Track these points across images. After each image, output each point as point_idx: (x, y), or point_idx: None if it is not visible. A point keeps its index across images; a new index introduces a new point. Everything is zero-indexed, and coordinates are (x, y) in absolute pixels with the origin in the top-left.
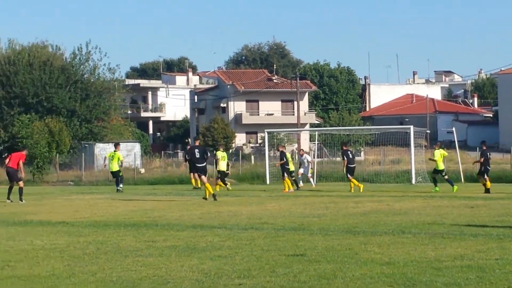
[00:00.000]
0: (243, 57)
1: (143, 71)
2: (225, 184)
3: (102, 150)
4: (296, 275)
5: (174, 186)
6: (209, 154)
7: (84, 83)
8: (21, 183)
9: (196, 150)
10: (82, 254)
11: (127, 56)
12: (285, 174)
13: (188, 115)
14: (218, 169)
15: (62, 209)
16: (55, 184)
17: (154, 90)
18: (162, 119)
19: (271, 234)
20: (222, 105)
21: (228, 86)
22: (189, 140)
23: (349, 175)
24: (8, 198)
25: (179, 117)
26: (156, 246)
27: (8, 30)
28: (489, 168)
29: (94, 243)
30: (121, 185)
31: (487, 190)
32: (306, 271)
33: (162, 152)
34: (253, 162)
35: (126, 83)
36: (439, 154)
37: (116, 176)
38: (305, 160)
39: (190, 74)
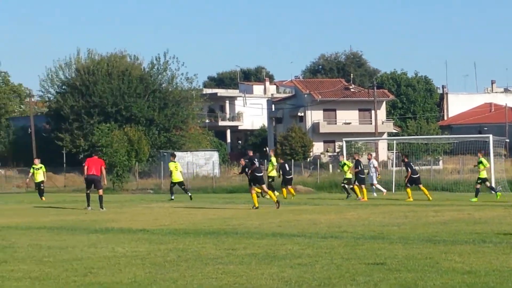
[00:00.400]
0: (320, 67)
1: (220, 81)
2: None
3: (181, 158)
4: (377, 283)
5: None
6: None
7: (162, 93)
8: (100, 191)
9: (255, 160)
10: (163, 262)
11: (204, 65)
12: (357, 182)
13: (266, 124)
14: (268, 175)
15: (142, 217)
16: (135, 192)
17: (232, 99)
18: (240, 128)
19: (351, 243)
20: (299, 114)
21: (305, 95)
22: (267, 149)
23: (408, 185)
24: (89, 206)
25: (256, 126)
26: (236, 254)
27: (87, 41)
28: None
29: (174, 250)
30: (188, 193)
31: None
32: (386, 280)
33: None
34: (331, 171)
35: (204, 92)
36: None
37: (180, 185)
38: (371, 166)
39: (267, 83)
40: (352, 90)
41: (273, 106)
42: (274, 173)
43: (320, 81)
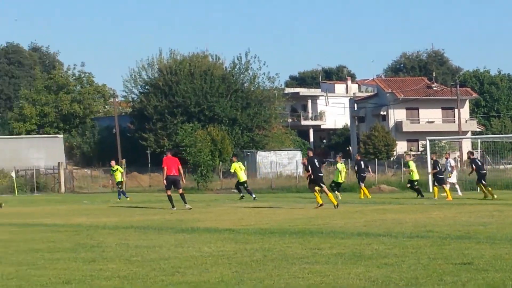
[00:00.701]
0: (402, 65)
1: (302, 80)
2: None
3: (264, 158)
4: (464, 283)
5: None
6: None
7: (244, 92)
8: (180, 190)
9: (316, 160)
10: (249, 261)
11: (285, 65)
12: (436, 183)
13: (348, 123)
14: (334, 180)
15: (227, 217)
16: (219, 191)
17: (314, 98)
18: (322, 127)
19: (437, 242)
20: (382, 113)
21: (388, 94)
22: (350, 148)
23: (482, 181)
24: (173, 206)
25: (339, 125)
26: (322, 254)
27: (170, 41)
28: None
29: (260, 250)
30: (253, 196)
31: None
32: (474, 280)
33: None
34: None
35: (286, 91)
36: None
37: (243, 185)
38: (448, 165)
39: (349, 82)
40: (434, 88)
41: (355, 105)
42: (340, 179)
43: (402, 80)
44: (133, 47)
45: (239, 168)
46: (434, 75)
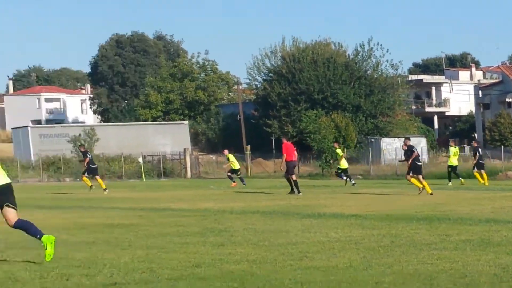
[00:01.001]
0: None
1: (425, 67)
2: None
3: (388, 145)
4: None
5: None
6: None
7: (368, 79)
8: (294, 176)
9: (414, 148)
10: (377, 247)
11: (409, 52)
12: None
13: (473, 110)
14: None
15: (353, 202)
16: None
17: (438, 85)
18: (447, 114)
19: None
20: (507, 99)
21: None
22: (475, 135)
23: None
24: (299, 191)
25: (463, 112)
26: (450, 240)
27: (292, 29)
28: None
29: (388, 236)
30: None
31: None
32: None
33: (448, 147)
34: None
35: (409, 79)
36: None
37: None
38: None
39: (473, 69)
40: None
41: (480, 92)
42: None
43: None
44: (256, 35)
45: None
46: None
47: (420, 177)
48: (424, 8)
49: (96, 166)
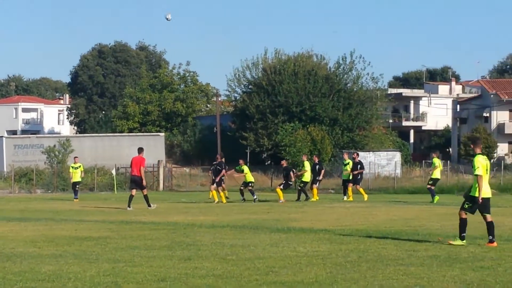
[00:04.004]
0: (508, 66)
1: (405, 80)
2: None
3: (363, 158)
4: None
5: None
6: None
7: (347, 92)
8: (145, 191)
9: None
10: (344, 262)
11: (390, 65)
12: None
13: (450, 125)
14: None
15: (324, 217)
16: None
17: (416, 99)
18: (423, 128)
19: None
20: (484, 114)
21: (492, 96)
22: (450, 149)
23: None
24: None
25: (440, 126)
26: (417, 256)
27: (276, 41)
28: None
29: (355, 251)
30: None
31: None
32: None
33: (423, 161)
34: None
35: (389, 92)
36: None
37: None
38: None
39: (453, 83)
40: None
41: (458, 106)
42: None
43: (508, 81)
44: (240, 47)
45: (247, 169)
46: None
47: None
48: (407, 22)
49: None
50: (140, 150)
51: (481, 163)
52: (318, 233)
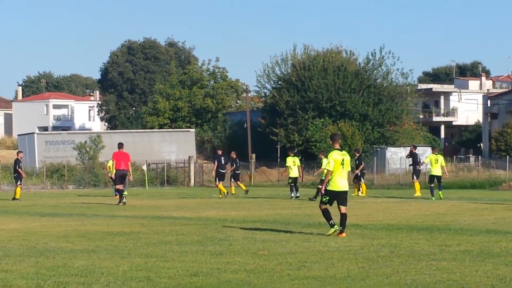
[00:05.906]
0: None
1: (435, 76)
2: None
3: (394, 154)
4: None
5: (466, 191)
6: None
7: (377, 88)
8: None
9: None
10: (376, 257)
11: (419, 60)
12: None
13: (481, 120)
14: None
15: (355, 212)
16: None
17: (447, 94)
18: (454, 123)
19: None
20: None
21: None
22: (481, 145)
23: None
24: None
25: (471, 121)
26: (449, 251)
27: (304, 36)
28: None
29: (387, 246)
30: (294, 194)
31: None
32: None
33: (454, 156)
34: None
35: (418, 87)
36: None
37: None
38: None
39: (483, 78)
40: None
41: (488, 101)
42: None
43: None
44: (268, 43)
45: (292, 163)
46: None
47: None
48: (437, 17)
49: None
50: (121, 145)
51: (335, 158)
52: (349, 228)
